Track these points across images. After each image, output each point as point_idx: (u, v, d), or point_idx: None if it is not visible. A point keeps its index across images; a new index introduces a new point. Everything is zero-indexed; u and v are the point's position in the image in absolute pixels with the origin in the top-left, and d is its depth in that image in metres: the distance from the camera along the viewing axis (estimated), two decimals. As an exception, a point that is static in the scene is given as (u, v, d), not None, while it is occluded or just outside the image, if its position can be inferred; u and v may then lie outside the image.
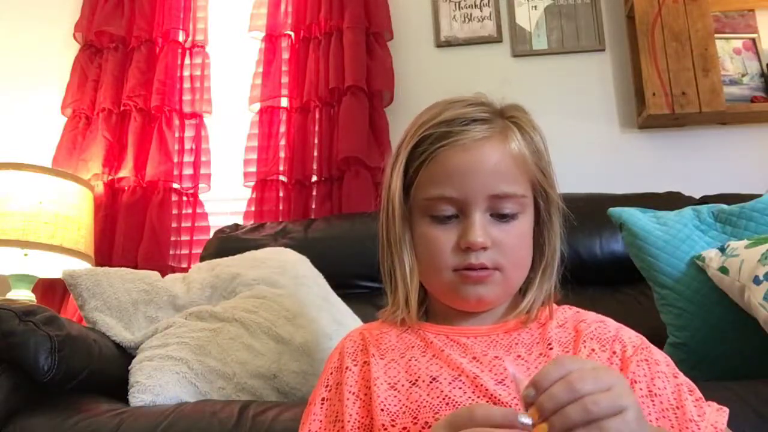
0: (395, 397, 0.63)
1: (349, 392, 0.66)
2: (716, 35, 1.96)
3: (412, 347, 0.68)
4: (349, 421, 0.64)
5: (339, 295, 1.40)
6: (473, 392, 0.61)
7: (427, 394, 0.62)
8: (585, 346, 0.64)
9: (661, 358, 0.65)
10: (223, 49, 2.20)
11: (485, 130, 0.66)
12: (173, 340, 1.14)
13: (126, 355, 1.18)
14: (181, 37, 2.13)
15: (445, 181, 0.66)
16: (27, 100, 2.16)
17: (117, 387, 1.10)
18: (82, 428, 0.93)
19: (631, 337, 0.67)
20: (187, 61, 2.12)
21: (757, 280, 0.98)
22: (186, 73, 2.11)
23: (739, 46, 2.05)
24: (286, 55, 2.09)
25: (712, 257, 1.09)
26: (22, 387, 0.99)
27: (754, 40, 2.06)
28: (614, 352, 0.64)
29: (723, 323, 1.07)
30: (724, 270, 1.05)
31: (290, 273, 1.35)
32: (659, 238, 1.16)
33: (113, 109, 2.03)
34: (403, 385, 0.64)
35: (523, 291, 0.71)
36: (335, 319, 1.30)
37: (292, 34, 2.11)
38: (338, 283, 1.44)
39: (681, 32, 1.93)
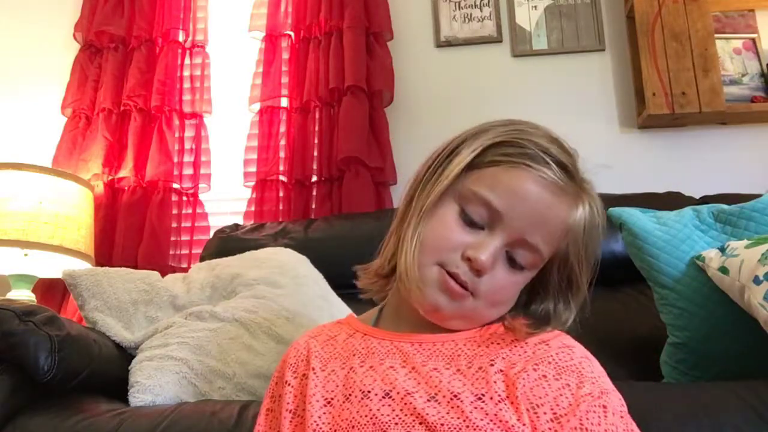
0: (329, 414, 0.62)
1: (287, 410, 0.66)
2: (716, 35, 1.96)
3: (354, 355, 0.66)
4: None
5: (339, 295, 1.40)
6: (401, 411, 0.58)
7: (357, 412, 0.60)
8: (536, 370, 0.60)
9: (617, 406, 0.60)
10: (223, 49, 2.20)
11: (565, 183, 0.65)
12: (173, 340, 1.14)
13: (126, 355, 1.18)
14: (181, 37, 2.13)
15: (503, 193, 0.63)
16: (27, 100, 2.16)
17: (117, 387, 1.10)
18: (82, 428, 0.93)
19: (593, 372, 0.62)
20: (187, 61, 2.12)
21: (757, 280, 0.98)
22: (186, 73, 2.11)
23: (739, 46, 2.05)
24: (286, 55, 2.09)
25: (712, 257, 1.09)
26: (22, 387, 0.99)
27: (754, 40, 2.06)
28: (567, 384, 0.59)
29: (723, 323, 1.07)
30: (724, 270, 1.05)
31: (290, 273, 1.35)
32: (659, 238, 1.16)
33: (113, 109, 2.03)
34: (338, 400, 0.62)
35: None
36: (335, 319, 1.30)
37: (292, 34, 2.11)
38: (338, 283, 1.44)
39: (681, 32, 1.93)
